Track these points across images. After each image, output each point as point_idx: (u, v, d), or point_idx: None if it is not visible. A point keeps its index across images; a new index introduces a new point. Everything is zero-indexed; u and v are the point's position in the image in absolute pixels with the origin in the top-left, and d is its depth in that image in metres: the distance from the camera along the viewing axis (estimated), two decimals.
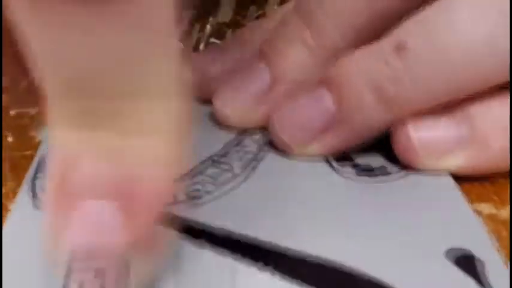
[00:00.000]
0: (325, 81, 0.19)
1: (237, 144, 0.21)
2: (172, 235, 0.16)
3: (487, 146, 0.18)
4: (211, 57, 0.23)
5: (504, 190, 0.19)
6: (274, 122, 0.20)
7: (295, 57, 0.21)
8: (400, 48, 0.18)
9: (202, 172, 0.19)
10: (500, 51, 0.17)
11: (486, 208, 0.18)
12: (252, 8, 0.32)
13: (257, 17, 0.31)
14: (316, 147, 0.20)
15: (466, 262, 0.15)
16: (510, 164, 0.19)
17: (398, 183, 0.19)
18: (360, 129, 0.19)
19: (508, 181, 0.19)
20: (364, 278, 0.15)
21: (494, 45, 0.17)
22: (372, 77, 0.18)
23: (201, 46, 0.29)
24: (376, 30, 0.19)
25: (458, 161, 0.19)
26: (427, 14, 0.18)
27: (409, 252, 0.16)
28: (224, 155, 0.20)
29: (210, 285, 0.15)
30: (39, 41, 0.12)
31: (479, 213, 0.17)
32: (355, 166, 0.20)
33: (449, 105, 0.19)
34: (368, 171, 0.19)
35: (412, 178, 0.19)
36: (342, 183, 0.19)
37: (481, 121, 0.18)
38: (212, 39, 0.29)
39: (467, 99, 0.18)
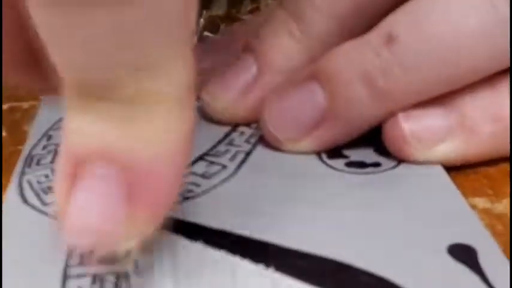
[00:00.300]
0: (315, 75, 0.19)
1: (226, 141, 0.21)
2: (169, 235, 0.16)
3: (477, 133, 0.18)
4: (199, 52, 0.23)
5: (499, 184, 0.19)
6: (265, 118, 0.20)
7: (282, 47, 0.20)
8: (390, 40, 0.18)
9: (195, 172, 0.19)
10: (492, 41, 0.17)
11: (481, 202, 0.18)
12: (246, 2, 0.32)
13: (251, 11, 0.31)
14: (308, 143, 0.20)
15: (469, 257, 0.15)
16: (510, 158, 0.19)
17: (390, 175, 0.19)
18: (352, 124, 0.19)
19: (503, 175, 0.19)
20: (363, 273, 0.15)
21: (486, 35, 0.17)
22: (363, 70, 0.18)
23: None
24: (364, 21, 0.19)
25: (449, 150, 0.19)
26: (417, 4, 0.18)
27: (408, 247, 0.16)
28: (215, 153, 0.20)
29: (210, 283, 0.15)
30: (51, 20, 0.12)
31: (473, 207, 0.17)
32: (346, 159, 0.20)
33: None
34: (359, 164, 0.19)
35: (404, 170, 0.19)
36: (332, 176, 0.19)
37: (470, 109, 0.19)
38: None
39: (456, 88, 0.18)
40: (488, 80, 0.18)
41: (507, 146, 0.19)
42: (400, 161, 0.19)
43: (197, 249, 0.16)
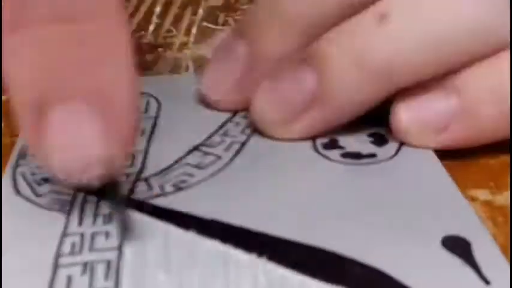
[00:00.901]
0: (306, 58, 0.19)
1: (221, 131, 0.21)
2: (162, 225, 0.16)
3: (478, 116, 0.18)
4: None
5: (500, 176, 0.18)
6: (255, 101, 0.20)
7: (275, 32, 0.20)
8: (382, 20, 0.18)
9: (190, 163, 0.19)
10: (485, 31, 0.18)
11: (482, 194, 0.18)
12: None
13: (250, 0, 0.31)
14: (298, 127, 0.19)
15: (462, 249, 0.15)
16: (510, 149, 0.19)
17: (386, 166, 0.19)
18: (344, 108, 0.19)
19: (503, 167, 0.19)
20: (356, 264, 0.15)
21: (479, 25, 0.18)
22: (355, 51, 0.18)
23: (193, 30, 0.29)
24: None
25: (451, 134, 0.19)
26: None
27: (402, 238, 0.15)
28: (209, 144, 0.20)
29: (202, 273, 0.14)
30: None
31: (475, 199, 0.17)
32: (342, 150, 0.19)
33: (436, 78, 0.18)
34: (355, 155, 0.19)
35: (400, 162, 0.19)
36: (328, 166, 0.19)
37: (471, 91, 0.18)
38: (204, 23, 0.29)
39: (455, 70, 0.18)
40: (486, 59, 0.18)
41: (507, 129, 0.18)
42: (396, 152, 0.19)
43: (190, 239, 0.16)
